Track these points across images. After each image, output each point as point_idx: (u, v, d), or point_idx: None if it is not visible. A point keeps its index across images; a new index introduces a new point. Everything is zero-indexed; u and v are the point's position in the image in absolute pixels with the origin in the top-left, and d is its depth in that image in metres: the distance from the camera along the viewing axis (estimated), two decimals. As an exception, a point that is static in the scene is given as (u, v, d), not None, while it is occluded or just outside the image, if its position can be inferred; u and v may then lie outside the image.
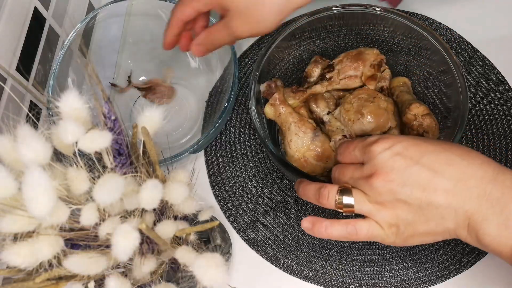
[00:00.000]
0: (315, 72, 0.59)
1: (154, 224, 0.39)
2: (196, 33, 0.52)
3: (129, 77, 0.64)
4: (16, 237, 0.33)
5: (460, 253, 0.55)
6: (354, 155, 0.41)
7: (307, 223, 0.41)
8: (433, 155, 0.37)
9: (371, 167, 0.38)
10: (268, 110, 0.55)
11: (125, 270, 0.37)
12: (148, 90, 0.64)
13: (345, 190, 0.39)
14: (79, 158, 0.35)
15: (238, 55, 0.66)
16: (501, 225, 0.35)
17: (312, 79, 0.59)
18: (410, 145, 0.37)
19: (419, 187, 0.36)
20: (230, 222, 0.58)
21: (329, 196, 0.40)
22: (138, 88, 0.64)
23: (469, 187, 0.36)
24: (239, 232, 0.57)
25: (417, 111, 0.53)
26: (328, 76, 0.57)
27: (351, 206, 0.39)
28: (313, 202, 0.42)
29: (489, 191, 0.35)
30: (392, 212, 0.38)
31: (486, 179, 0.36)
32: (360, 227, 0.39)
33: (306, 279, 0.55)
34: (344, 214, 0.40)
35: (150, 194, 0.35)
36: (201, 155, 0.62)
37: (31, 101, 0.54)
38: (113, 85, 0.64)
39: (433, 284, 0.54)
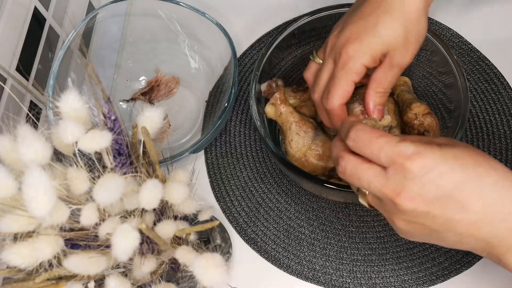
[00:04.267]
0: (315, 72, 0.59)
1: (154, 224, 0.39)
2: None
3: (127, 100, 0.65)
4: (16, 237, 0.33)
5: (460, 253, 0.55)
6: (376, 156, 0.36)
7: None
8: (466, 186, 0.34)
9: (399, 184, 0.35)
10: (269, 110, 0.55)
11: (125, 270, 0.37)
12: (151, 91, 0.64)
13: (362, 191, 0.38)
14: (79, 158, 0.35)
15: (238, 55, 0.66)
16: None
17: (312, 79, 0.59)
18: (446, 171, 0.34)
19: (443, 218, 0.35)
20: (230, 222, 0.58)
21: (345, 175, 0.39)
22: (142, 94, 0.64)
23: (495, 220, 0.34)
24: (239, 232, 0.57)
25: (418, 110, 0.53)
26: (328, 76, 0.57)
27: (365, 198, 0.38)
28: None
29: None
30: (407, 227, 0.37)
31: None
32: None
33: (306, 279, 0.55)
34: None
35: (150, 194, 0.35)
36: (201, 155, 0.62)
37: (31, 101, 0.54)
38: (127, 100, 0.64)
39: (433, 284, 0.54)
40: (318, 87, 0.47)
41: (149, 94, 0.64)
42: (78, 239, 0.35)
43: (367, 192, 0.38)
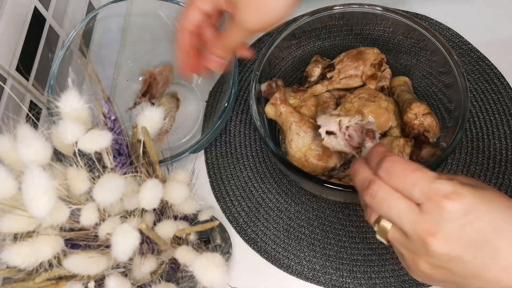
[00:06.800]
0: (316, 71, 0.59)
1: (154, 224, 0.39)
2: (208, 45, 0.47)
3: (130, 108, 0.64)
4: (16, 237, 0.33)
5: (460, 253, 0.55)
6: (408, 190, 0.34)
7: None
8: (502, 230, 0.33)
9: (435, 224, 0.32)
10: (269, 110, 0.55)
11: (125, 270, 0.37)
12: (150, 88, 0.64)
13: (382, 225, 0.36)
14: (79, 158, 0.35)
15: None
16: None
17: (313, 79, 0.59)
18: (484, 213, 0.32)
19: (474, 264, 0.33)
20: (230, 222, 0.58)
21: (370, 215, 0.36)
22: (143, 95, 0.64)
23: None
24: (239, 232, 0.57)
25: (417, 110, 0.53)
26: (328, 75, 0.57)
27: (385, 232, 0.36)
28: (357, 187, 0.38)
29: None
30: (432, 271, 0.34)
31: None
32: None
33: (306, 279, 0.55)
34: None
35: (150, 194, 0.35)
36: (201, 155, 0.62)
37: (31, 101, 0.54)
38: (130, 108, 0.64)
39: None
40: None
41: (149, 91, 0.64)
42: (78, 239, 0.35)
43: (389, 227, 0.35)
